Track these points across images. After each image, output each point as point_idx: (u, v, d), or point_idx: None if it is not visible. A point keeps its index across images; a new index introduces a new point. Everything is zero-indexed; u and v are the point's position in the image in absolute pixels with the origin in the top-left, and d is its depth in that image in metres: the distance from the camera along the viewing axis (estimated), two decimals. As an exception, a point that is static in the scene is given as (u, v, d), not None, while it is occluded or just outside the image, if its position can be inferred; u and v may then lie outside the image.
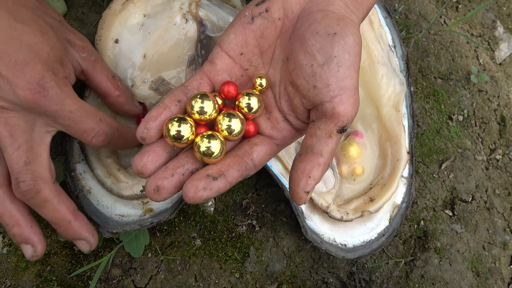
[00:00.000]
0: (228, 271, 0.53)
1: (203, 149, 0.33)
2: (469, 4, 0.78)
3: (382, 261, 0.57)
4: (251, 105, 0.36)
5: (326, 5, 0.35)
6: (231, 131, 0.35)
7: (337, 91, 0.33)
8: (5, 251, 0.50)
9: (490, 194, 0.65)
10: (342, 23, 0.34)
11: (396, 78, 0.56)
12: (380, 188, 0.54)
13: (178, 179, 0.34)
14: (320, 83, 0.34)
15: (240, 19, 0.37)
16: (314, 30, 0.34)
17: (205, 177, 0.33)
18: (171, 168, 0.34)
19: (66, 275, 0.50)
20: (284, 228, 0.56)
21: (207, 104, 0.34)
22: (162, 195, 0.33)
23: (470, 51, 0.74)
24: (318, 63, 0.34)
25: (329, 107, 0.34)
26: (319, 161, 0.34)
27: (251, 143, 0.37)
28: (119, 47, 0.50)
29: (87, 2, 0.61)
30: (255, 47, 0.38)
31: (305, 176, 0.33)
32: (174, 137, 0.33)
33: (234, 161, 0.35)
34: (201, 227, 0.54)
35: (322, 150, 0.34)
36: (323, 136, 0.34)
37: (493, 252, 0.62)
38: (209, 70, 0.38)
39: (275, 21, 0.37)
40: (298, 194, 0.34)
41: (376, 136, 0.57)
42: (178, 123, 0.33)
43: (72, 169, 0.49)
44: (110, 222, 0.48)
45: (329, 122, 0.34)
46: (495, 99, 0.72)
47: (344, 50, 0.33)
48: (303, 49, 0.34)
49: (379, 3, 0.59)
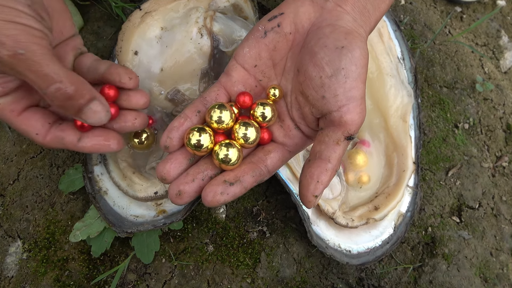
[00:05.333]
0: (240, 276, 0.54)
1: (221, 157, 0.36)
2: (473, 14, 0.80)
3: (391, 267, 0.58)
4: (265, 114, 0.38)
5: (335, 20, 0.37)
6: (247, 139, 0.37)
7: (345, 101, 0.35)
8: (24, 257, 0.52)
9: (497, 201, 0.66)
10: (349, 37, 0.36)
11: (404, 90, 0.58)
12: (385, 197, 0.55)
13: (198, 184, 0.36)
14: (329, 93, 0.35)
15: (254, 34, 0.39)
16: (323, 44, 0.36)
17: (223, 183, 0.35)
18: (191, 174, 0.36)
19: (84, 280, 0.51)
20: (294, 234, 0.57)
21: (225, 114, 0.37)
22: (183, 199, 0.36)
23: (475, 60, 0.75)
24: (326, 74, 0.35)
25: (337, 116, 0.35)
26: (327, 167, 0.35)
27: (265, 150, 0.39)
28: (138, 58, 0.52)
29: (103, 17, 0.63)
30: (268, 60, 0.40)
31: (314, 181, 0.35)
32: (195, 146, 0.36)
33: (249, 167, 0.37)
34: (213, 233, 0.55)
35: (330, 156, 0.35)
36: (331, 143, 0.36)
37: (500, 258, 0.62)
38: (225, 81, 0.40)
39: (287, 35, 0.38)
40: (307, 198, 0.35)
41: (383, 146, 0.58)
42: (198, 133, 0.36)
43: (90, 171, 0.51)
44: (125, 222, 0.50)
45: (336, 130, 0.36)
46: (500, 107, 0.73)
47: (351, 62, 0.35)
48: (312, 62, 0.36)
49: (388, 17, 0.61)
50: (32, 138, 0.40)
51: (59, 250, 0.52)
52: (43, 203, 0.54)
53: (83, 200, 0.55)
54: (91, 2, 0.63)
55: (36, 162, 0.56)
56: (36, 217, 0.53)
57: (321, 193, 0.36)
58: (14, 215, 0.53)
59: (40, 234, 0.53)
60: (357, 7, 0.38)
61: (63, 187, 0.53)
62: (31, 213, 0.54)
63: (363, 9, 0.38)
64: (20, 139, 0.57)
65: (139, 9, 0.52)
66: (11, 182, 0.55)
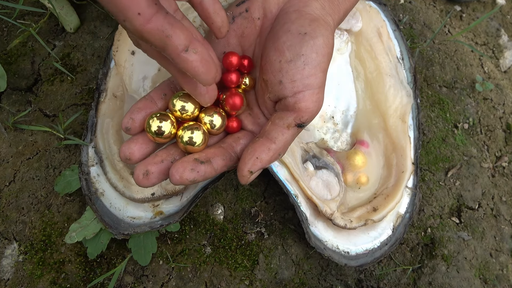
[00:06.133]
0: (238, 279, 0.53)
1: (185, 139, 0.35)
2: (473, 13, 0.79)
3: (390, 268, 0.58)
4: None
5: (302, 6, 0.37)
6: (213, 126, 0.37)
7: (301, 88, 0.35)
8: (20, 259, 0.51)
9: (496, 202, 0.66)
10: (314, 24, 0.35)
11: (403, 90, 0.57)
12: (384, 198, 0.55)
13: (167, 165, 0.35)
14: (286, 78, 0.35)
15: None
16: (287, 29, 0.35)
17: (193, 160, 0.34)
18: (160, 155, 0.35)
19: (80, 282, 0.51)
20: (292, 235, 0.57)
21: (189, 104, 0.36)
22: (150, 179, 0.34)
23: (474, 60, 0.74)
24: (286, 59, 0.35)
25: (291, 102, 0.35)
26: (270, 146, 0.35)
27: (235, 137, 0.39)
28: (135, 58, 0.51)
29: (100, 16, 0.63)
30: (237, 46, 0.39)
31: (253, 157, 0.34)
32: (156, 133, 0.34)
33: (219, 151, 0.36)
34: (211, 235, 0.55)
35: (277, 137, 0.35)
36: (280, 125, 0.35)
37: (500, 259, 0.62)
38: None
39: (255, 20, 0.38)
40: (242, 172, 0.35)
41: (382, 146, 0.58)
42: (159, 120, 0.34)
43: (86, 172, 0.51)
44: (122, 224, 0.49)
45: (289, 115, 0.35)
46: (500, 107, 0.72)
47: (312, 50, 0.35)
48: (274, 46, 0.36)
49: (388, 16, 0.61)
50: (130, 19, 0.26)
51: (56, 253, 0.52)
52: (39, 205, 0.54)
53: (80, 201, 0.54)
54: (88, 1, 0.63)
55: (32, 163, 0.55)
56: (32, 219, 0.53)
57: (257, 171, 0.35)
58: (10, 217, 0.53)
59: (36, 236, 0.52)
60: None
61: (59, 188, 0.53)
62: (27, 215, 0.53)
63: None
64: (16, 140, 0.56)
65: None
66: (7, 183, 0.54)
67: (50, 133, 0.56)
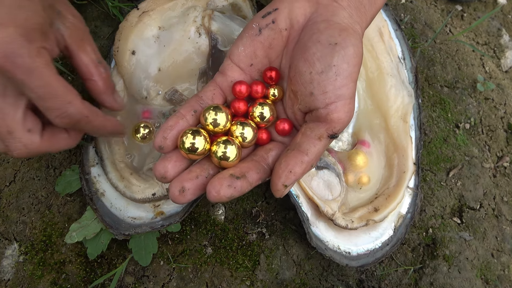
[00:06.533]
0: (239, 279, 0.53)
1: (220, 154, 0.35)
2: (474, 13, 0.79)
3: (391, 268, 0.58)
4: (263, 114, 0.38)
5: (330, 15, 0.36)
6: (244, 138, 0.37)
7: (333, 99, 0.34)
8: (21, 259, 0.51)
9: (498, 202, 0.65)
10: (344, 34, 0.35)
11: (404, 90, 0.57)
12: (385, 199, 0.55)
13: (202, 181, 0.35)
14: (317, 90, 0.35)
15: (248, 32, 0.38)
16: (316, 39, 0.35)
17: (229, 176, 0.34)
18: (194, 171, 0.35)
19: (81, 283, 0.51)
20: (293, 236, 0.57)
21: (220, 116, 0.36)
22: (186, 196, 0.34)
23: (476, 60, 0.74)
24: (317, 70, 0.35)
25: (324, 113, 0.35)
26: (303, 159, 0.34)
27: (266, 149, 0.38)
28: (136, 58, 0.51)
29: (100, 16, 0.63)
30: (264, 58, 0.39)
31: (286, 170, 0.34)
32: (189, 150, 0.34)
33: (253, 164, 0.36)
34: (212, 235, 0.55)
35: (309, 149, 0.35)
36: (312, 137, 0.35)
37: (502, 260, 0.62)
38: (221, 81, 0.39)
39: (282, 31, 0.38)
40: (277, 186, 0.35)
41: (383, 146, 0.58)
42: (192, 136, 0.34)
43: (87, 172, 0.51)
44: (122, 224, 0.49)
45: (321, 126, 0.35)
46: (501, 107, 0.72)
47: (344, 60, 0.34)
48: (304, 57, 0.35)
49: (389, 16, 0.61)
50: None
51: (56, 253, 0.52)
52: (39, 205, 0.54)
53: (80, 202, 0.54)
54: (88, 1, 0.63)
55: (32, 163, 0.55)
56: (32, 220, 0.53)
57: (291, 184, 0.35)
58: (11, 217, 0.53)
59: (37, 237, 0.52)
60: (353, 2, 0.37)
61: (59, 188, 0.52)
62: (27, 215, 0.53)
63: (359, 4, 0.37)
64: (16, 140, 0.56)
65: (137, 9, 0.51)
66: (8, 184, 0.54)
67: (50, 133, 0.56)
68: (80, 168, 0.51)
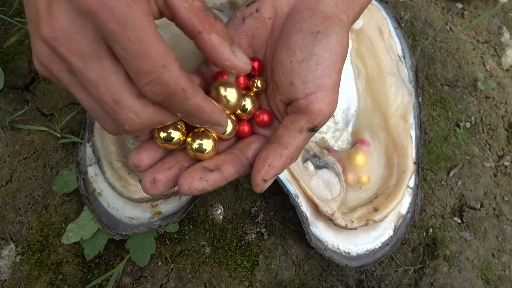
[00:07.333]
0: (238, 279, 0.53)
1: (195, 146, 0.34)
2: (474, 11, 0.78)
3: (391, 269, 0.57)
4: (245, 106, 0.37)
5: (315, 4, 0.35)
6: (223, 131, 0.36)
7: (313, 89, 0.34)
8: (18, 260, 0.51)
9: (498, 201, 0.65)
10: (327, 22, 0.34)
11: (404, 89, 0.57)
12: (385, 198, 0.54)
13: (175, 173, 0.34)
14: (297, 79, 0.34)
15: (232, 21, 0.37)
16: (298, 28, 0.34)
17: (201, 169, 0.33)
18: (168, 162, 0.34)
19: (78, 283, 0.50)
20: (292, 236, 0.56)
21: (231, 92, 0.34)
22: (158, 188, 0.33)
23: (476, 58, 0.74)
24: (297, 59, 0.34)
25: (304, 104, 0.34)
26: (282, 152, 0.34)
27: (246, 142, 0.37)
28: None
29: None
30: (248, 48, 0.38)
31: (266, 164, 0.33)
32: (165, 139, 0.33)
33: (229, 157, 0.35)
34: (210, 235, 0.54)
35: (289, 142, 0.34)
36: (292, 129, 0.34)
37: (502, 260, 0.61)
38: (204, 72, 0.38)
39: (266, 20, 0.37)
40: (256, 181, 0.34)
41: (383, 146, 0.57)
42: (168, 125, 0.33)
43: (84, 172, 0.50)
44: (120, 224, 0.49)
45: (301, 118, 0.34)
46: (502, 106, 0.72)
47: (326, 49, 0.33)
48: (285, 46, 0.35)
49: (389, 14, 0.60)
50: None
51: (53, 253, 0.51)
52: (36, 205, 0.53)
53: (78, 201, 0.54)
54: None
55: (29, 163, 0.55)
56: (29, 219, 0.52)
57: (271, 179, 0.34)
58: (7, 217, 0.52)
59: (34, 237, 0.52)
60: None
61: (56, 188, 0.52)
62: (24, 215, 0.53)
63: None
64: (12, 140, 0.56)
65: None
66: (4, 183, 0.54)
67: (47, 133, 0.56)
68: (77, 167, 0.50)
